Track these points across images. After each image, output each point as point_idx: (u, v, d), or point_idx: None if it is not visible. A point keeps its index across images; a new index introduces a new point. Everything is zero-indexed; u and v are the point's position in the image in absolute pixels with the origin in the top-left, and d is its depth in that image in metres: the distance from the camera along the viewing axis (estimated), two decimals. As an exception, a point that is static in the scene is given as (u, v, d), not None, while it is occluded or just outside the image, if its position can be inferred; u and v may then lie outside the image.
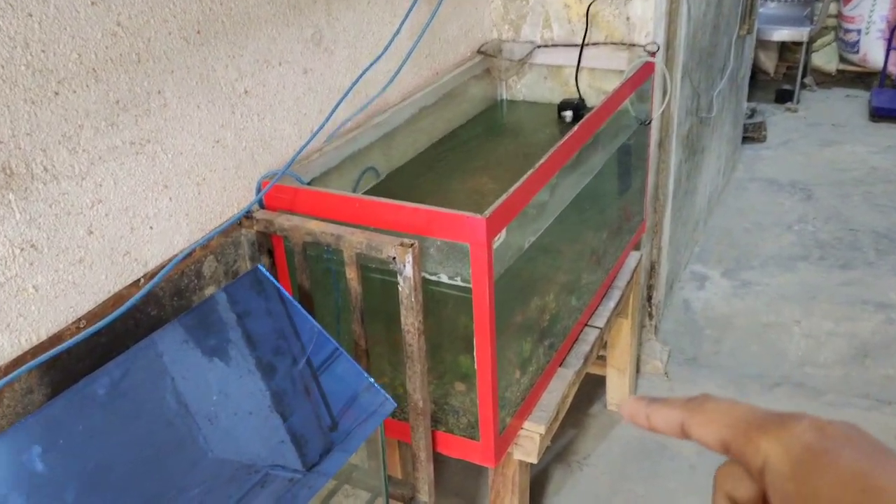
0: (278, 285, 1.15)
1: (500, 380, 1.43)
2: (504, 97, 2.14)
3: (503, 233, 1.26)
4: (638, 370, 2.34)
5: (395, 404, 1.13)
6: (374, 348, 1.42)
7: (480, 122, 2.01)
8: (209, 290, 1.29)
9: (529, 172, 1.29)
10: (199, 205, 1.26)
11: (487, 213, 1.18)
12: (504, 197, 1.23)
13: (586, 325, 1.76)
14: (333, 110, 1.40)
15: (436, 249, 1.26)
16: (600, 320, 1.78)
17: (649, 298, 2.38)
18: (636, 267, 1.99)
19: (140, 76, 1.11)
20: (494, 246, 1.23)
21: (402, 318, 1.25)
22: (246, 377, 1.04)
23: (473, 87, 2.00)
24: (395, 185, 1.70)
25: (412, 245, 1.20)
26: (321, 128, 1.37)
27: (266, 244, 1.37)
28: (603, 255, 1.84)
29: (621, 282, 1.91)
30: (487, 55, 1.99)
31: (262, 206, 1.36)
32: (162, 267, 1.17)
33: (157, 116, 1.15)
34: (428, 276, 1.29)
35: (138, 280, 1.16)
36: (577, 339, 1.70)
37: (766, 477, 0.34)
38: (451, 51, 1.90)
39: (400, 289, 1.23)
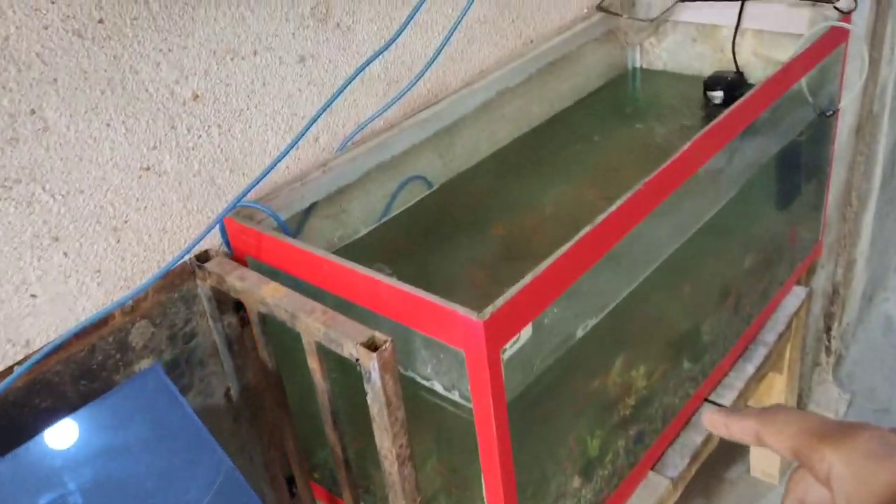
0: (178, 395, 0.81)
1: (545, 496, 1.02)
2: (637, 65, 1.62)
3: (527, 330, 0.83)
4: (801, 423, 1.80)
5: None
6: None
7: (595, 104, 1.51)
8: (143, 364, 0.97)
9: (565, 247, 0.83)
10: (120, 256, 0.92)
11: (486, 313, 0.76)
12: (520, 285, 0.79)
13: (706, 400, 1.28)
14: (322, 110, 1.00)
15: (427, 346, 0.86)
16: (728, 394, 1.29)
17: (828, 330, 1.81)
18: (799, 308, 1.46)
19: (-8, 93, 0.78)
20: (506, 355, 0.80)
21: (377, 440, 0.87)
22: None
23: (589, 55, 1.51)
24: (453, 198, 1.28)
25: (384, 345, 0.80)
26: (300, 137, 0.98)
27: (231, 298, 1.03)
28: (740, 301, 1.33)
29: (771, 334, 1.39)
30: (611, 13, 1.49)
31: (229, 250, 1.02)
32: (44, 346, 0.86)
33: (33, 145, 0.82)
34: (420, 381, 0.89)
35: (12, 367, 0.86)
36: (685, 425, 1.24)
37: (831, 482, 0.38)
38: (553, 9, 1.42)
39: (369, 402, 0.84)
